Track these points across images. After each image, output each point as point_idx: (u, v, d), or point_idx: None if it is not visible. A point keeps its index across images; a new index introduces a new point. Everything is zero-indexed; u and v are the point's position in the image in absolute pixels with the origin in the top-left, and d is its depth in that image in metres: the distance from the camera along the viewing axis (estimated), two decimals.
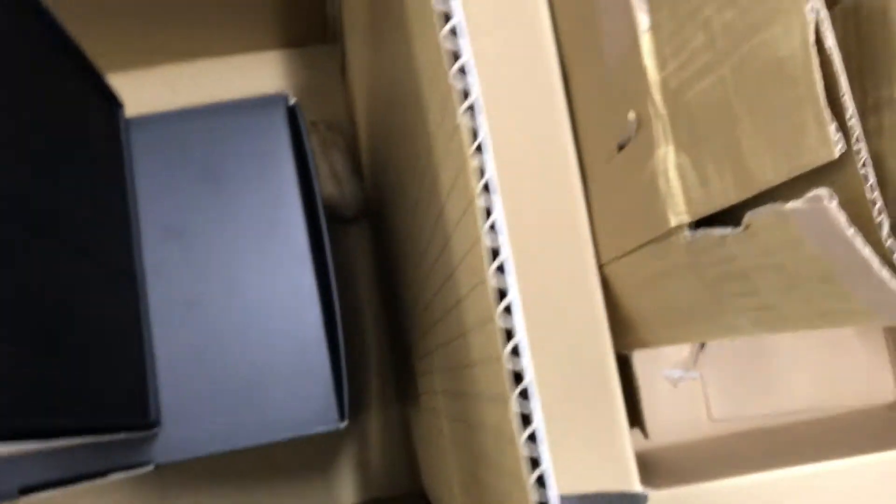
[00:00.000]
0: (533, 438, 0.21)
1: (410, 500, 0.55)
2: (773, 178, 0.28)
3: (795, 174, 0.27)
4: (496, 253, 0.19)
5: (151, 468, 0.36)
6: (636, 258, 0.40)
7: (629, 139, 0.38)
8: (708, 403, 0.60)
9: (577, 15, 0.43)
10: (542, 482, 0.21)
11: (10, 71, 0.28)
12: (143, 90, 0.63)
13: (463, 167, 0.20)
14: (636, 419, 0.58)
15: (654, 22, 0.34)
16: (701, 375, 0.59)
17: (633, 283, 0.42)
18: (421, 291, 0.35)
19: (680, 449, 0.57)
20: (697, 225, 0.34)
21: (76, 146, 0.34)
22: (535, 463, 0.21)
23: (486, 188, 0.19)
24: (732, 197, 0.31)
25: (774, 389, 0.60)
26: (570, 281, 0.45)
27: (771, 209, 0.27)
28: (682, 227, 0.34)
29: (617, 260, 0.42)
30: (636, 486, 0.42)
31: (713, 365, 0.59)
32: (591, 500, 0.39)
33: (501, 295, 0.19)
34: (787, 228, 0.27)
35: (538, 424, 0.21)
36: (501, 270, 0.19)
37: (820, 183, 0.26)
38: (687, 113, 0.33)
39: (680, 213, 0.34)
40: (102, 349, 0.34)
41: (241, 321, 0.38)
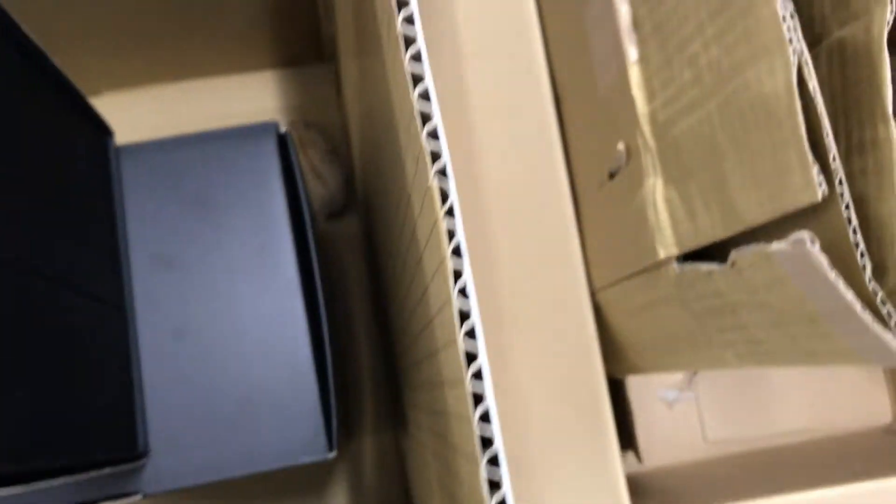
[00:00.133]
0: (495, 461, 0.21)
1: None
2: (758, 217, 0.28)
3: (780, 214, 0.27)
4: (465, 316, 0.19)
5: (140, 498, 0.36)
6: (627, 287, 0.40)
7: (619, 168, 0.38)
8: (703, 425, 0.59)
9: (569, 42, 0.44)
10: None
11: None
12: (137, 109, 0.63)
13: (435, 224, 0.20)
14: (630, 441, 0.57)
15: (642, 54, 0.34)
16: (696, 397, 0.59)
17: (624, 311, 0.42)
18: (406, 328, 0.35)
19: (674, 471, 0.57)
20: (686, 258, 0.34)
21: (64, 175, 0.34)
22: (495, 485, 0.21)
23: (455, 251, 0.19)
24: (720, 233, 0.30)
25: (770, 411, 0.60)
26: (562, 307, 0.45)
27: (756, 249, 0.27)
28: (670, 259, 0.34)
29: (609, 287, 0.42)
30: None
31: (708, 386, 0.59)
32: None
33: (470, 359, 0.19)
34: (771, 268, 0.27)
35: (498, 445, 0.21)
36: (472, 335, 0.19)
37: (804, 223, 0.26)
38: (675, 146, 0.33)
39: (668, 245, 0.34)
40: (90, 382, 0.34)
41: (230, 350, 0.37)
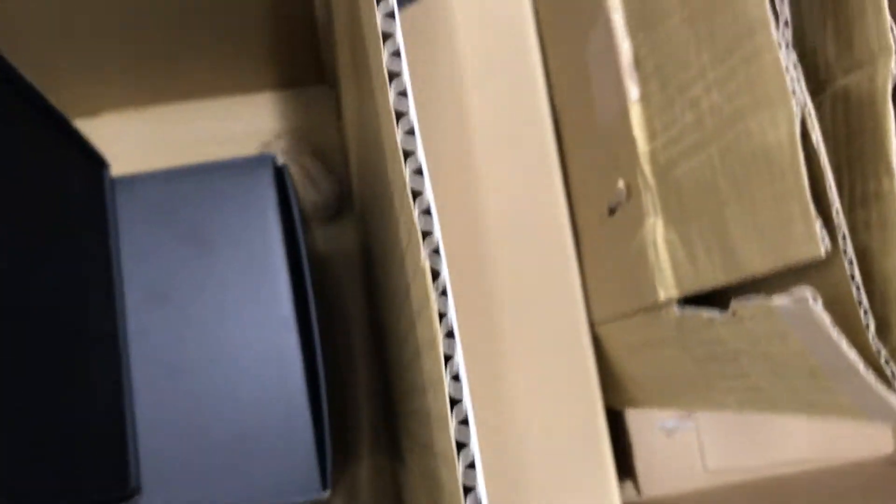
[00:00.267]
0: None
1: None
2: (760, 266, 0.27)
3: (783, 267, 0.26)
4: (448, 357, 0.19)
5: None
6: (627, 324, 0.39)
7: (620, 205, 0.38)
8: (703, 454, 0.59)
9: (570, 74, 0.43)
10: None
11: None
12: (137, 130, 0.63)
13: (422, 274, 0.20)
14: (629, 471, 0.57)
15: (643, 93, 0.34)
16: (696, 426, 0.59)
17: (624, 346, 0.41)
18: (398, 361, 0.34)
19: (673, 501, 0.56)
20: (687, 300, 0.33)
21: (57, 208, 0.34)
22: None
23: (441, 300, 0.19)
24: (721, 279, 0.30)
25: (771, 440, 0.59)
26: (562, 338, 0.44)
27: (758, 302, 0.26)
28: (671, 301, 0.34)
29: (609, 322, 0.42)
30: None
31: (708, 415, 0.59)
32: None
33: (453, 403, 0.19)
34: (773, 322, 0.26)
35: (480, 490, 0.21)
36: (456, 379, 0.19)
37: (807, 275, 0.26)
38: (676, 188, 0.32)
39: (669, 287, 0.34)
40: (82, 419, 0.33)
41: (223, 387, 0.37)
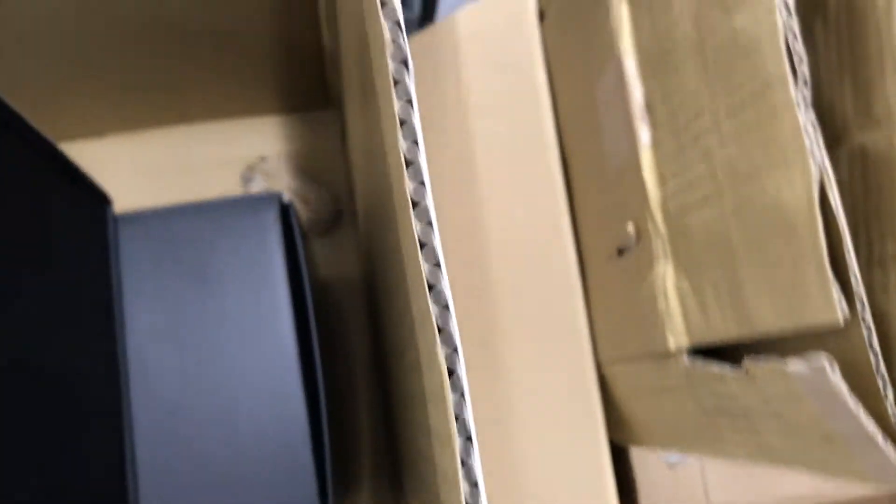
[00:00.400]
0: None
1: None
2: (774, 326, 0.27)
3: (798, 329, 0.26)
4: (452, 372, 0.19)
5: None
6: (635, 367, 0.39)
7: (628, 247, 0.37)
8: (706, 488, 0.58)
9: (579, 111, 0.43)
10: None
11: None
12: (141, 151, 0.62)
13: (433, 347, 0.19)
14: (633, 503, 0.56)
15: (655, 138, 0.33)
16: (699, 460, 0.58)
17: (631, 389, 0.41)
18: (402, 397, 0.34)
19: None
20: (697, 350, 0.33)
21: (60, 246, 0.34)
22: None
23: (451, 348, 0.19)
24: (733, 333, 0.29)
25: (775, 475, 0.59)
26: (568, 375, 0.44)
27: (772, 364, 0.26)
28: (680, 351, 0.33)
29: (616, 363, 0.41)
30: None
31: None
32: None
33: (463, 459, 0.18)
34: (787, 384, 0.26)
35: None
36: (468, 437, 0.18)
37: (823, 337, 0.25)
38: (687, 237, 0.32)
39: (679, 335, 0.33)
40: (83, 455, 0.33)
41: (225, 424, 0.37)
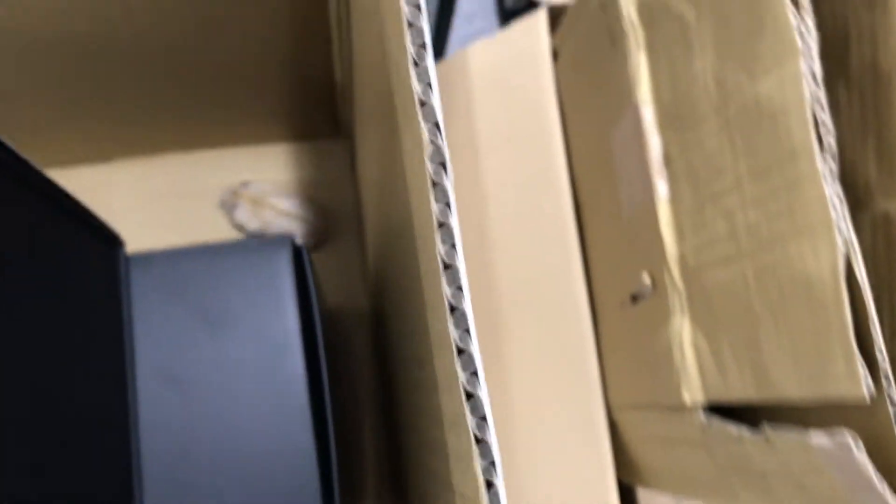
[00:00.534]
0: None
1: None
2: (795, 393, 0.26)
3: (821, 400, 0.25)
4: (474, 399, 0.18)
5: None
6: (647, 416, 0.38)
7: (643, 296, 0.37)
8: None
9: (593, 155, 0.42)
10: None
11: None
12: (148, 176, 0.62)
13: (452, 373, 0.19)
14: None
15: (673, 192, 0.33)
16: None
17: (642, 437, 0.40)
18: (414, 416, 0.34)
19: None
20: (713, 408, 0.33)
21: (71, 289, 0.33)
22: None
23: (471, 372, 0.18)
24: (752, 395, 0.29)
25: None
26: (578, 419, 0.44)
27: (793, 435, 0.25)
28: (696, 407, 0.33)
29: (628, 409, 0.41)
30: None
31: None
32: None
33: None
34: (809, 456, 0.25)
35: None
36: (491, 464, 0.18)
37: (846, 411, 0.25)
38: (705, 294, 0.32)
39: (695, 391, 0.33)
40: (92, 499, 0.32)
41: (235, 472, 0.36)
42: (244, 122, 0.58)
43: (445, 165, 0.20)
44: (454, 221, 0.20)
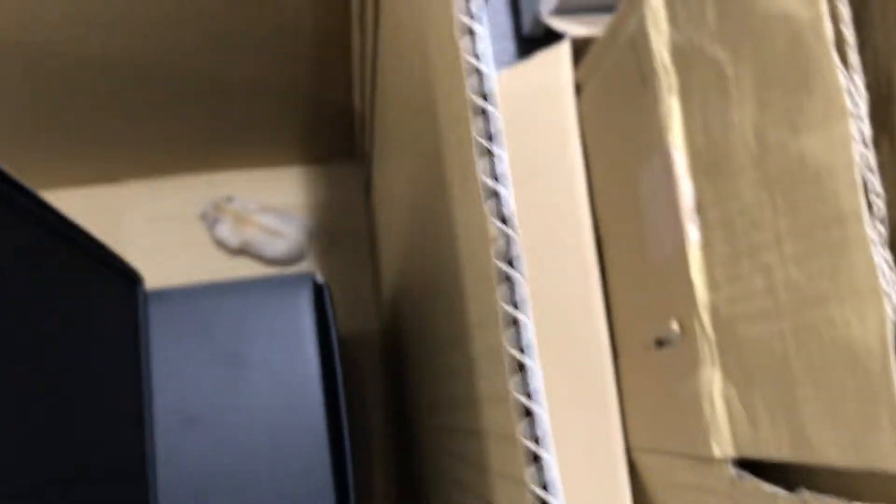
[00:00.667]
0: None
1: None
2: (836, 459, 0.26)
3: (863, 468, 0.25)
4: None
5: None
6: (671, 461, 0.38)
7: (670, 342, 0.36)
8: None
9: (617, 191, 0.42)
10: None
11: (14, 276, 0.27)
12: (162, 198, 0.61)
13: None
14: None
15: (705, 239, 0.33)
16: None
17: (664, 481, 0.40)
18: (442, 435, 0.33)
19: None
20: (743, 462, 0.32)
21: (91, 328, 0.33)
22: None
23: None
24: (786, 454, 0.29)
25: None
26: (596, 457, 0.43)
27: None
28: (726, 460, 0.32)
29: (649, 452, 0.40)
30: None
31: None
32: None
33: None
34: None
35: None
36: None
37: (890, 486, 0.25)
38: (737, 346, 0.31)
39: (724, 444, 0.32)
40: None
41: None
42: (258, 144, 0.58)
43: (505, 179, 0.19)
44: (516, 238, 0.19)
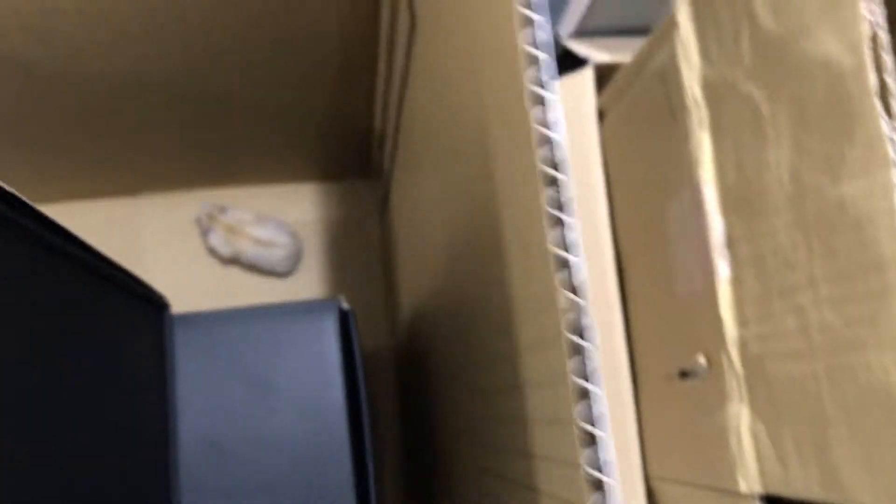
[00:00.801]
0: None
1: None
2: (871, 502, 0.26)
3: None
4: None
5: None
6: (693, 493, 0.38)
7: (695, 375, 0.36)
8: None
9: (642, 222, 0.42)
10: None
11: (36, 302, 0.27)
12: (177, 211, 0.61)
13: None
14: None
15: (735, 276, 0.33)
16: None
17: None
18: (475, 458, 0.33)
19: None
20: (770, 498, 0.32)
21: (118, 357, 0.33)
22: None
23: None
24: (817, 494, 0.29)
25: None
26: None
27: None
28: (752, 497, 0.32)
29: (670, 482, 0.40)
30: None
31: None
32: None
33: None
34: None
35: None
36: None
37: None
38: (767, 384, 0.31)
39: (751, 480, 0.32)
40: None
41: None
42: (275, 161, 0.58)
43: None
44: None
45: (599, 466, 0.18)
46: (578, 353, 0.16)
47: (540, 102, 0.16)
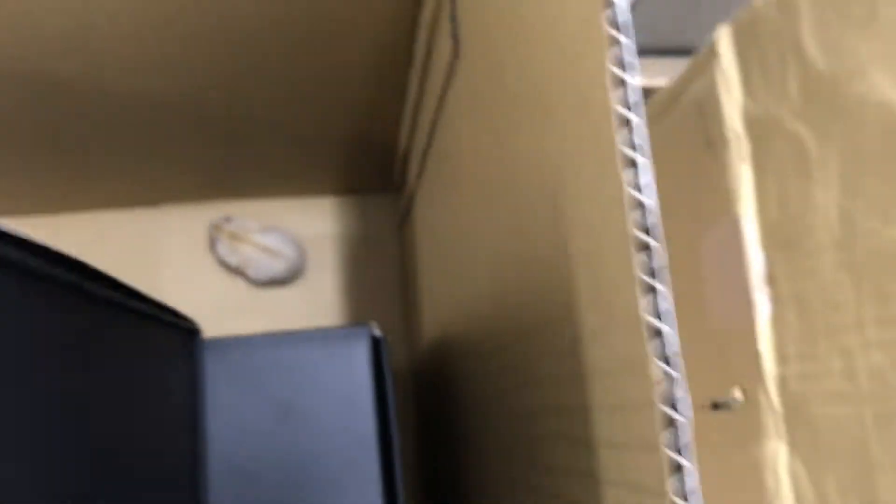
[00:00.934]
0: None
1: None
2: None
3: None
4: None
5: None
6: None
7: (729, 407, 0.36)
8: None
9: (674, 249, 0.42)
10: None
11: (79, 345, 0.26)
12: (194, 223, 0.61)
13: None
14: None
15: (776, 314, 0.32)
16: None
17: None
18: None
19: None
20: None
21: (150, 384, 0.32)
22: None
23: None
24: None
25: None
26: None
27: None
28: None
29: None
30: None
31: None
32: None
33: None
34: None
35: None
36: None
37: None
38: (809, 424, 0.31)
39: None
40: None
41: None
42: (296, 175, 0.57)
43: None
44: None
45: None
46: (671, 424, 0.16)
47: (632, 165, 0.16)
